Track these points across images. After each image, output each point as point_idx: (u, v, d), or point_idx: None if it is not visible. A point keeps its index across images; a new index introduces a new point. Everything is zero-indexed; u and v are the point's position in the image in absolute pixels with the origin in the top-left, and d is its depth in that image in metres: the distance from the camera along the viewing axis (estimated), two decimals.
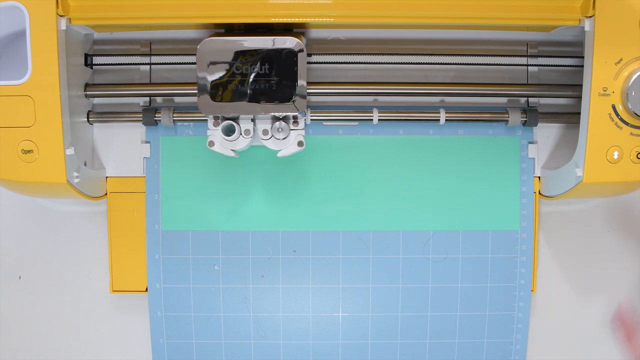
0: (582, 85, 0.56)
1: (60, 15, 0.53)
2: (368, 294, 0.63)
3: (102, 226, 0.65)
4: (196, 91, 0.61)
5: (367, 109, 0.61)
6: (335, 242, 0.63)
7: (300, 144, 0.57)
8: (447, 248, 0.63)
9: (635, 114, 0.53)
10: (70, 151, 0.54)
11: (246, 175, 0.62)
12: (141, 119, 0.61)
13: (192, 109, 0.62)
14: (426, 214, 0.63)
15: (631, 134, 0.54)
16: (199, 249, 0.63)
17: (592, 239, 0.66)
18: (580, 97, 0.56)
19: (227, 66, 0.53)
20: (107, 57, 0.62)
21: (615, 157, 0.54)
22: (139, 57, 0.62)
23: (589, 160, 0.54)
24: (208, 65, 0.53)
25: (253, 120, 0.56)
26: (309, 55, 0.61)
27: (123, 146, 0.63)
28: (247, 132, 0.56)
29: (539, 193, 0.63)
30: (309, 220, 0.63)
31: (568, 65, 0.62)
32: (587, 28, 0.54)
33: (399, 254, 0.63)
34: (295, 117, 0.56)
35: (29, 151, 0.54)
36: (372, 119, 0.60)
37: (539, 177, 0.63)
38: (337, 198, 0.63)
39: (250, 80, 0.53)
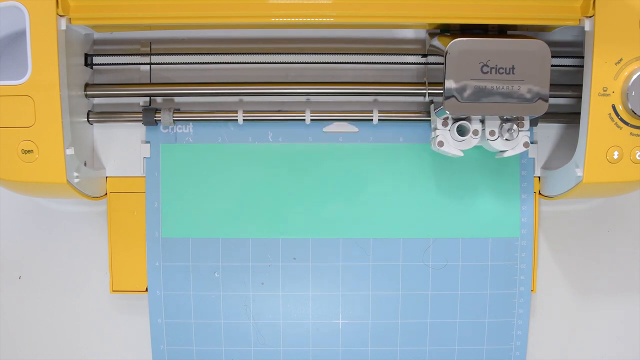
0: (582, 85, 0.56)
1: (60, 15, 0.53)
2: (368, 301, 0.63)
3: (102, 226, 0.65)
4: (197, 91, 0.61)
5: (367, 109, 0.61)
6: (335, 249, 0.63)
7: (526, 144, 0.57)
8: (447, 255, 0.63)
9: (635, 113, 0.53)
10: (70, 151, 0.54)
11: (246, 182, 0.62)
12: (141, 119, 0.61)
13: (192, 108, 0.62)
14: (426, 222, 0.63)
15: (631, 134, 0.54)
16: (199, 256, 0.63)
17: (592, 239, 0.66)
18: (580, 97, 0.56)
19: (475, 68, 0.53)
20: (107, 57, 0.62)
21: (615, 157, 0.54)
22: (139, 57, 0.62)
23: (589, 160, 0.54)
24: (457, 66, 0.53)
25: (482, 121, 0.56)
26: (309, 54, 0.61)
27: (123, 146, 0.63)
28: (475, 132, 0.56)
29: (539, 193, 0.63)
30: (309, 228, 0.63)
31: (568, 65, 0.62)
32: (587, 28, 0.54)
33: (399, 262, 0.63)
34: (521, 118, 0.56)
35: (29, 151, 0.54)
36: (372, 119, 0.60)
37: (539, 177, 0.63)
38: (337, 205, 0.63)
39: (497, 82, 0.53)
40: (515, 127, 0.56)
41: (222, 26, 0.61)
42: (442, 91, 0.53)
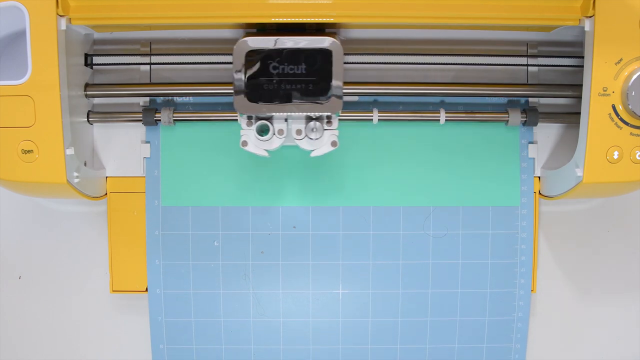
0: (582, 85, 0.56)
1: (60, 15, 0.53)
2: (368, 270, 0.63)
3: (102, 226, 0.65)
4: (197, 91, 0.61)
5: (367, 108, 0.61)
6: (335, 218, 0.63)
7: (333, 144, 0.56)
8: (448, 224, 0.63)
9: (635, 113, 0.53)
10: (70, 151, 0.54)
11: (246, 151, 0.62)
12: (141, 119, 0.61)
13: (193, 108, 0.62)
14: (426, 190, 0.62)
15: (631, 134, 0.54)
16: (199, 225, 0.62)
17: (592, 239, 0.66)
18: (580, 97, 0.56)
19: (263, 66, 0.53)
20: (107, 57, 0.62)
21: (615, 157, 0.54)
22: (139, 57, 0.62)
23: (589, 160, 0.54)
24: (244, 65, 0.53)
25: (287, 120, 0.56)
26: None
27: (123, 146, 0.63)
28: (280, 132, 0.56)
29: (539, 193, 0.63)
30: (309, 196, 0.62)
31: (568, 65, 0.62)
32: (587, 28, 0.54)
33: (399, 230, 0.63)
34: (329, 117, 0.56)
35: (29, 151, 0.54)
36: (372, 119, 0.60)
37: (539, 177, 0.63)
38: (337, 173, 0.62)
39: (287, 80, 0.53)
40: (318, 125, 0.55)
41: (222, 26, 0.61)
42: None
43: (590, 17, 0.53)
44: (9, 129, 0.54)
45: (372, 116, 0.60)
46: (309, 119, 0.56)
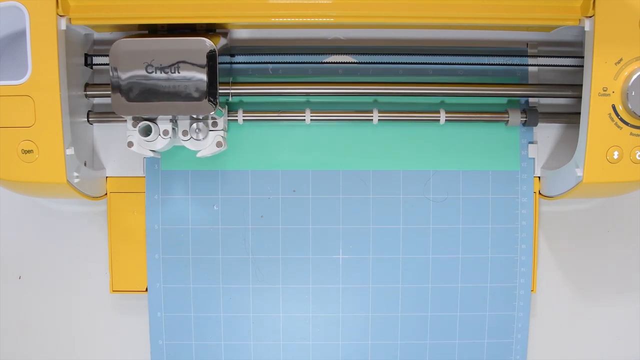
0: (582, 85, 0.56)
1: (60, 15, 0.53)
2: (368, 234, 0.62)
3: (102, 226, 0.65)
4: None
5: (367, 108, 0.61)
6: (335, 181, 0.62)
7: (218, 144, 0.57)
8: (448, 188, 0.62)
9: (635, 113, 0.53)
10: (70, 151, 0.54)
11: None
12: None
13: None
14: (426, 154, 0.62)
15: (631, 134, 0.54)
16: (198, 189, 0.62)
17: (592, 239, 0.66)
18: (580, 97, 0.56)
19: (140, 67, 0.53)
20: (107, 57, 0.61)
21: (615, 157, 0.54)
22: None
23: (589, 160, 0.54)
24: (122, 66, 0.53)
25: (173, 120, 0.56)
26: (310, 55, 0.61)
27: (123, 146, 0.63)
28: (165, 132, 0.56)
29: (539, 193, 0.63)
30: (309, 160, 0.62)
31: (568, 65, 0.62)
32: (587, 28, 0.54)
33: (399, 194, 0.62)
34: (214, 118, 0.56)
35: (29, 151, 0.54)
36: (372, 119, 0.60)
37: (539, 177, 0.63)
38: (337, 137, 0.62)
39: (163, 81, 0.53)
40: (202, 126, 0.55)
41: (221, 26, 0.61)
42: None
43: (590, 17, 0.53)
44: (9, 129, 0.54)
45: (372, 116, 0.60)
46: (194, 119, 0.56)
